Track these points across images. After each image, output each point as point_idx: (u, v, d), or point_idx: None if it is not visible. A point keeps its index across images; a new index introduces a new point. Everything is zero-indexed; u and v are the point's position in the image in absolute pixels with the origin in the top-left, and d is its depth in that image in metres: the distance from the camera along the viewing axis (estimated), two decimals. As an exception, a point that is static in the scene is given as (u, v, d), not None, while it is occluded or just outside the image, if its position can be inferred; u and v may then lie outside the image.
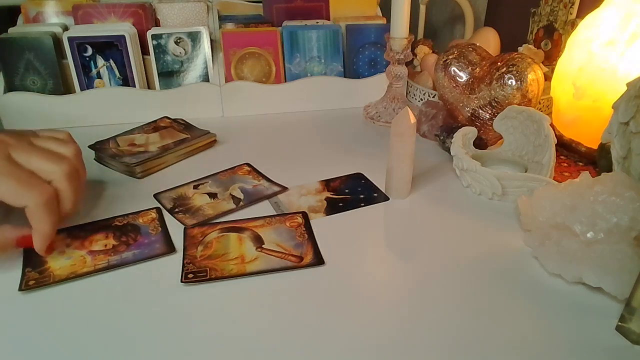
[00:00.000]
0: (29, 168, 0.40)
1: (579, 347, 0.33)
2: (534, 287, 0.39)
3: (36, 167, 0.40)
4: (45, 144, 0.43)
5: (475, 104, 0.59)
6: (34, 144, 0.42)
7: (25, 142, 0.41)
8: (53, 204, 0.40)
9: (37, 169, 0.40)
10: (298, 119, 0.73)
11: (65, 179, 0.41)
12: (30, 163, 0.40)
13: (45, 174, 0.40)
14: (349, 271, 0.41)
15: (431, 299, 0.38)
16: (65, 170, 0.41)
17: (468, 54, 0.61)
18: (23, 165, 0.40)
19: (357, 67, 0.78)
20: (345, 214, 0.49)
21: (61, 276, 0.39)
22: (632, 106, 0.42)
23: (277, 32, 0.73)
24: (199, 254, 0.42)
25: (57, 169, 0.41)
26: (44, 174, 0.40)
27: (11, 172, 0.38)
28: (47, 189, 0.40)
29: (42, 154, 0.41)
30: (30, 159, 0.40)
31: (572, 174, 0.57)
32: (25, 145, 0.41)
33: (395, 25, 0.65)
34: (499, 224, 0.47)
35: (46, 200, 0.39)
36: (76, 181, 0.43)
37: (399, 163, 0.49)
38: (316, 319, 0.36)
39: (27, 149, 0.41)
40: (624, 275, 0.36)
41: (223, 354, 0.33)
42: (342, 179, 0.55)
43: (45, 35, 0.67)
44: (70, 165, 0.42)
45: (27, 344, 0.33)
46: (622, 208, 0.37)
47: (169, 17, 0.75)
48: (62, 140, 0.44)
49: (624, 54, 0.53)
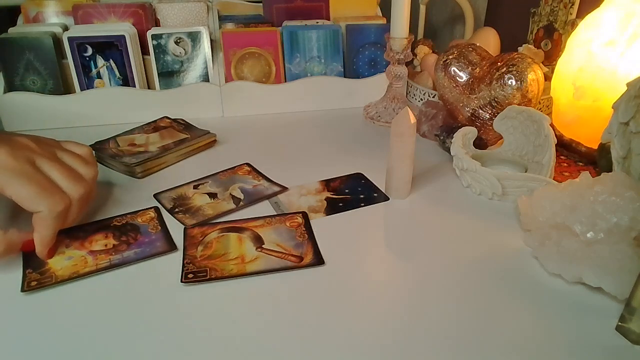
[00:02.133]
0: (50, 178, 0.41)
1: (579, 347, 0.33)
2: (534, 287, 0.39)
3: (56, 180, 0.41)
4: (69, 159, 0.44)
5: (475, 104, 0.59)
6: (57, 157, 0.43)
7: (50, 153, 0.43)
8: (64, 215, 0.41)
9: (56, 182, 0.41)
10: (298, 119, 0.73)
11: (78, 199, 0.42)
12: (51, 174, 0.41)
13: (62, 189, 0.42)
14: (349, 271, 0.41)
15: (431, 299, 0.38)
16: (81, 192, 0.42)
17: (468, 54, 0.61)
18: (45, 174, 0.41)
19: (357, 67, 0.78)
20: (345, 214, 0.49)
21: (63, 276, 0.39)
22: (632, 106, 0.42)
23: (277, 32, 0.73)
24: (199, 254, 0.42)
25: (74, 190, 0.42)
26: (62, 188, 0.42)
27: (32, 177, 0.39)
28: (65, 200, 0.41)
29: (64, 169, 0.42)
30: (52, 171, 0.41)
31: (572, 174, 0.57)
32: (50, 156, 0.42)
33: (395, 25, 0.65)
34: (499, 224, 0.47)
35: (61, 211, 0.40)
36: (86, 203, 0.44)
37: (399, 163, 0.49)
38: (316, 319, 0.36)
39: (51, 160, 0.42)
40: (624, 275, 0.36)
41: (223, 353, 0.33)
42: (342, 179, 0.55)
43: (45, 35, 0.67)
44: (87, 188, 0.43)
45: (30, 345, 0.34)
46: (622, 208, 0.37)
47: (169, 17, 0.75)
48: (84, 159, 0.45)
49: (624, 54, 0.53)
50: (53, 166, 0.42)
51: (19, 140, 0.42)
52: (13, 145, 0.41)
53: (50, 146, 0.44)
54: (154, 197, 0.51)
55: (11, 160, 0.39)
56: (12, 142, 0.41)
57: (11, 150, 0.40)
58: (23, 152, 0.41)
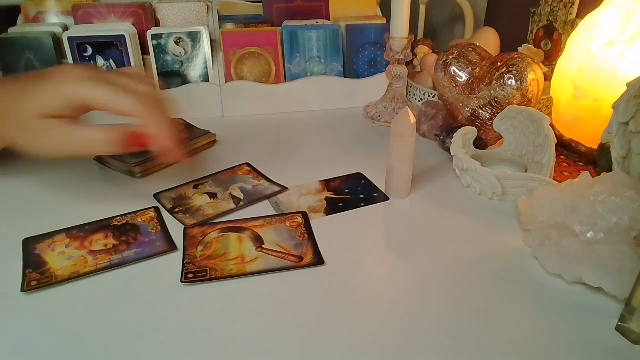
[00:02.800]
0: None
1: (579, 347, 0.33)
2: (534, 287, 0.39)
3: (129, 85, 0.43)
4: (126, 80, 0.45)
5: (475, 104, 0.59)
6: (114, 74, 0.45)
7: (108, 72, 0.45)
8: (160, 111, 0.42)
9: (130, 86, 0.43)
10: (298, 119, 0.73)
11: (158, 98, 0.44)
12: (121, 82, 0.43)
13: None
14: (349, 271, 0.41)
15: (431, 299, 0.38)
16: (154, 91, 0.44)
17: (468, 54, 0.61)
18: (117, 82, 0.42)
19: (357, 67, 0.78)
20: (345, 214, 0.49)
21: (63, 276, 0.39)
22: (632, 106, 0.42)
23: (277, 32, 0.73)
24: (199, 254, 0.42)
25: (147, 89, 0.43)
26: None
27: (110, 83, 0.41)
28: (147, 94, 0.42)
29: (128, 77, 0.44)
30: (120, 79, 0.43)
31: (572, 174, 0.57)
32: (110, 73, 0.45)
33: (395, 25, 0.65)
34: (499, 224, 0.47)
35: (153, 106, 0.41)
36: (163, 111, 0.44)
37: (399, 163, 0.49)
38: (316, 319, 0.36)
39: (114, 73, 0.44)
40: (624, 275, 0.36)
41: (223, 353, 0.33)
42: (342, 179, 0.55)
43: (45, 35, 0.67)
44: (155, 88, 0.45)
45: (30, 345, 0.34)
46: (622, 208, 0.37)
47: (169, 17, 0.75)
48: (142, 77, 0.46)
49: (624, 54, 0.53)
50: (118, 77, 0.43)
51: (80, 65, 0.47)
52: (79, 66, 0.45)
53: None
54: (154, 197, 0.51)
55: (86, 71, 0.41)
56: (77, 65, 0.45)
57: (82, 67, 0.42)
58: (91, 69, 0.42)
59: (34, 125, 0.40)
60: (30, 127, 0.40)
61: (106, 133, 0.42)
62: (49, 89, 0.40)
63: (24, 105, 0.40)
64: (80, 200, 0.50)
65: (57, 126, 0.40)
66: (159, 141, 0.42)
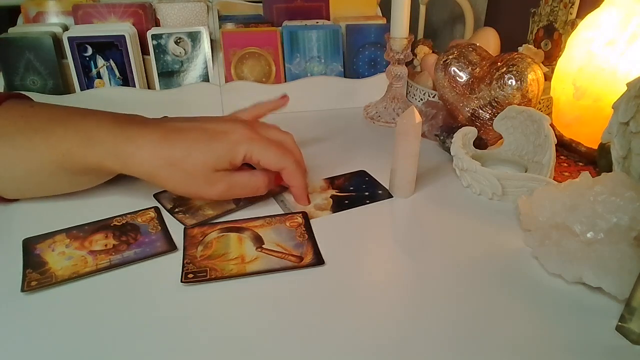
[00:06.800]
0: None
1: (579, 347, 0.33)
2: (534, 287, 0.39)
3: (278, 138, 0.49)
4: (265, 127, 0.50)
5: (475, 104, 0.59)
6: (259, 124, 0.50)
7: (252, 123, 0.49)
8: (300, 165, 0.48)
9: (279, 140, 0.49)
10: (298, 118, 0.73)
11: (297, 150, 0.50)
12: (271, 135, 0.48)
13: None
14: (349, 271, 0.41)
15: (431, 299, 0.38)
16: (295, 144, 0.50)
17: (468, 54, 0.61)
18: (270, 137, 0.47)
19: (357, 67, 0.78)
20: (349, 211, 0.49)
21: (63, 276, 0.39)
22: (632, 106, 0.42)
23: (277, 32, 0.73)
24: (199, 254, 0.42)
25: (292, 144, 0.49)
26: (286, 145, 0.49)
27: (270, 143, 0.46)
28: (296, 153, 0.49)
29: (275, 130, 0.50)
30: (269, 132, 0.49)
31: (572, 174, 0.57)
32: (257, 123, 0.50)
33: (395, 25, 0.66)
34: (499, 224, 0.47)
35: (298, 162, 0.47)
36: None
37: (404, 162, 0.49)
38: (316, 319, 0.36)
39: (262, 126, 0.49)
40: (624, 275, 0.36)
41: (223, 354, 0.33)
42: (346, 176, 0.55)
43: (45, 35, 0.67)
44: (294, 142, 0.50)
45: (30, 345, 0.34)
46: (622, 208, 0.37)
47: (169, 17, 0.75)
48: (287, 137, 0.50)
49: (624, 54, 0.53)
50: (268, 130, 0.49)
51: (233, 116, 0.53)
52: (238, 119, 0.49)
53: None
54: (154, 197, 0.51)
55: (248, 131, 0.45)
56: (236, 119, 0.49)
57: (244, 123, 0.47)
58: (248, 125, 0.47)
59: (209, 177, 0.44)
60: (200, 178, 0.44)
61: (265, 178, 0.47)
62: (226, 147, 0.44)
63: (195, 161, 0.44)
64: (80, 200, 0.50)
65: (228, 176, 0.45)
66: (295, 190, 0.49)
